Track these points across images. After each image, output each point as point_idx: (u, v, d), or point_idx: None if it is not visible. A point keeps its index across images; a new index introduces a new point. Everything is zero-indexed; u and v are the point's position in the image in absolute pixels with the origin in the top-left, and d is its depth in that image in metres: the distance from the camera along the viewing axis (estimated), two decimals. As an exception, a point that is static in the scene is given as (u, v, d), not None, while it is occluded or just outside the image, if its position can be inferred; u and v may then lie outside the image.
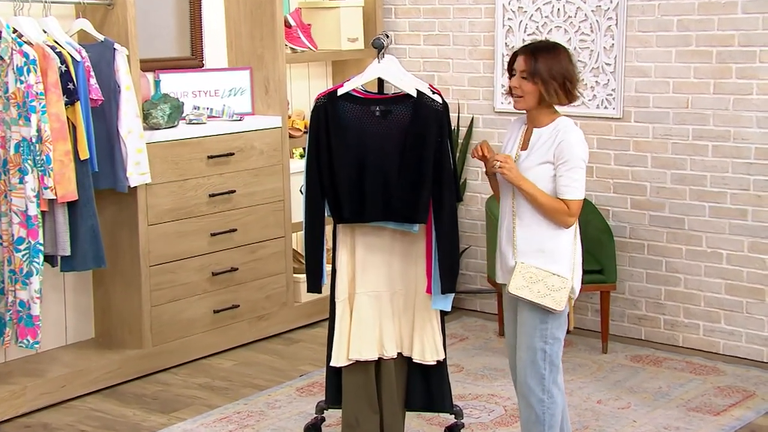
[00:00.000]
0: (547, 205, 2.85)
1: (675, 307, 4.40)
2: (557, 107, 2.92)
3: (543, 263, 2.87)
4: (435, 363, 3.20)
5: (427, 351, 3.17)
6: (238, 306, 4.37)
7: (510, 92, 2.94)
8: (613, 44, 4.39)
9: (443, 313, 3.23)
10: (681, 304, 4.38)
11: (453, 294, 3.14)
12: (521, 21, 4.66)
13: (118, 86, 3.80)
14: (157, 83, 4.20)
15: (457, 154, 4.83)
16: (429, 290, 3.15)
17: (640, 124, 4.40)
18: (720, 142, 4.21)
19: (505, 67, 4.67)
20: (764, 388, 3.91)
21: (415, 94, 3.06)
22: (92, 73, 3.68)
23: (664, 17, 4.27)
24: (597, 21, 4.45)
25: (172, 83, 4.35)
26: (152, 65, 4.30)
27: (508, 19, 4.70)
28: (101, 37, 3.83)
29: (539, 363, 2.89)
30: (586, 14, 4.48)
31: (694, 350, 4.34)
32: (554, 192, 2.87)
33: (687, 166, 4.30)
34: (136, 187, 3.92)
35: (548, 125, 2.91)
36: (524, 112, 2.95)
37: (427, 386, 3.25)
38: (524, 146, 2.94)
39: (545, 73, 2.84)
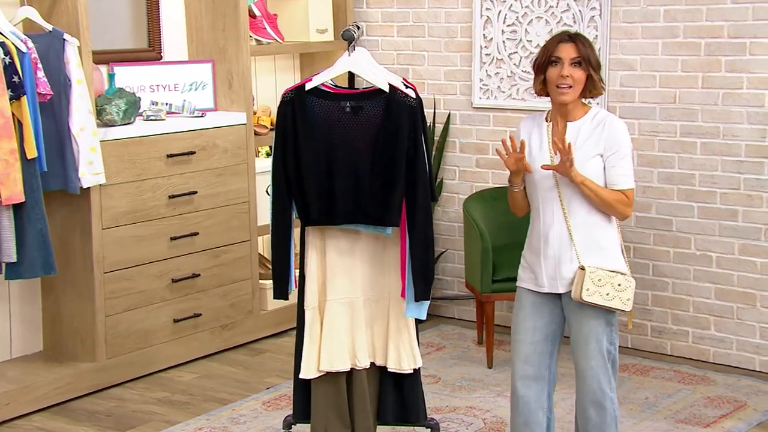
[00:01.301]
0: (610, 198, 2.92)
1: (662, 313, 4.41)
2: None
3: (604, 262, 2.95)
4: (411, 372, 3.20)
5: (404, 359, 3.17)
6: (200, 315, 4.35)
7: (541, 88, 2.94)
8: (596, 36, 4.41)
9: (418, 321, 3.22)
10: (669, 310, 4.40)
11: (428, 301, 3.14)
12: (500, 11, 4.66)
13: (69, 80, 3.76)
14: (111, 77, 4.16)
15: (433, 153, 4.82)
16: (404, 295, 3.15)
17: (626, 120, 4.38)
18: (709, 138, 4.23)
19: (481, 60, 4.69)
20: (756, 399, 3.93)
21: (387, 89, 3.06)
22: (40, 66, 3.63)
23: (650, 7, 4.29)
24: (580, 11, 4.46)
25: (128, 77, 4.32)
26: (106, 57, 4.26)
27: (486, 9, 4.70)
28: (49, 27, 3.79)
29: (608, 366, 2.99)
30: (568, 4, 4.49)
31: (682, 358, 4.36)
32: (605, 185, 2.93)
33: (675, 164, 4.32)
34: (89, 188, 3.89)
35: (583, 117, 2.95)
36: (535, 111, 3.00)
37: (400, 397, 3.25)
38: (558, 142, 2.93)
39: (596, 61, 2.91)
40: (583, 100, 2.98)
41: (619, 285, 2.93)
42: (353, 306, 3.19)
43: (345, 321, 3.17)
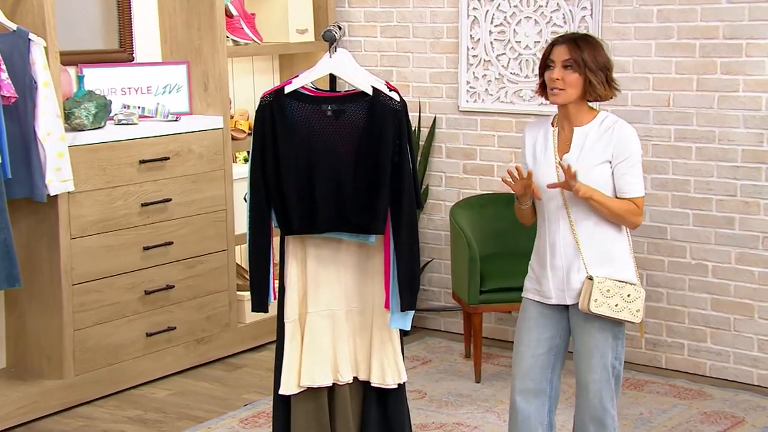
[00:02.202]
0: (619, 209, 2.94)
1: (657, 324, 4.41)
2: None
3: (613, 272, 2.95)
4: (395, 387, 3.19)
5: (388, 373, 3.16)
6: (175, 328, 4.33)
7: (541, 90, 2.99)
8: (587, 37, 4.41)
9: (402, 333, 3.22)
10: (663, 322, 4.40)
11: (413, 311, 3.14)
12: (488, 11, 4.66)
13: (35, 82, 3.74)
14: (80, 79, 4.14)
15: (418, 158, 4.81)
16: (387, 306, 3.14)
17: (618, 125, 4.41)
18: (704, 143, 4.24)
19: (468, 61, 4.70)
20: (754, 414, 3.93)
21: (370, 92, 3.06)
22: (3, 67, 3.61)
23: (643, 7, 4.30)
24: (570, 11, 4.46)
25: (98, 79, 4.30)
26: (74, 58, 4.24)
27: (473, 9, 4.70)
28: (13, 26, 3.76)
29: (611, 382, 2.98)
30: (558, 3, 4.50)
31: (677, 372, 4.36)
32: (614, 193, 2.95)
33: (669, 170, 4.33)
34: (56, 195, 3.86)
35: (591, 122, 2.97)
36: (535, 113, 3.01)
37: (384, 414, 3.23)
38: (564, 149, 2.96)
39: (592, 62, 2.90)
40: (591, 104, 2.99)
41: (628, 296, 2.93)
42: (335, 318, 3.18)
43: (326, 334, 3.16)
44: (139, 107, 4.32)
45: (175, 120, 4.35)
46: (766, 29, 4.06)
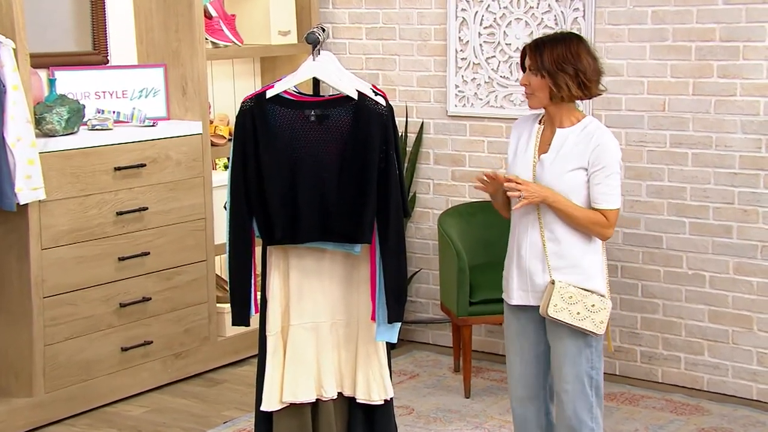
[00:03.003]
0: (585, 219, 2.96)
1: (652, 337, 4.41)
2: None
3: (579, 280, 2.97)
4: (382, 403, 3.18)
5: (374, 389, 3.16)
6: (151, 342, 4.31)
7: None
8: (580, 39, 4.41)
9: (389, 346, 3.23)
10: (659, 334, 4.39)
11: (400, 324, 3.14)
12: (477, 12, 4.66)
13: (3, 86, 3.72)
14: (51, 82, 4.12)
15: (405, 165, 4.80)
16: (374, 318, 3.15)
17: (612, 130, 4.34)
18: (701, 149, 4.24)
19: (457, 64, 4.69)
20: (754, 430, 3.94)
21: (355, 96, 3.07)
22: (-29, 70, 3.57)
23: (637, 8, 4.30)
24: (562, 12, 4.46)
25: (71, 82, 4.28)
26: (45, 61, 4.22)
27: (462, 10, 4.69)
28: (-19, 28, 3.73)
29: (588, 392, 2.99)
30: (549, 5, 4.50)
31: (674, 386, 4.35)
32: (587, 200, 2.97)
33: (664, 176, 4.33)
34: (26, 204, 3.84)
35: (573, 126, 3.02)
36: (529, 111, 3.07)
37: (371, 431, 3.23)
38: (543, 149, 3.02)
39: (552, 64, 2.95)
40: (579, 106, 3.05)
41: (592, 305, 2.96)
42: (319, 331, 3.17)
43: (310, 347, 3.16)
44: (113, 112, 4.30)
45: (152, 125, 4.33)
46: (764, 31, 4.07)
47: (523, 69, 3.05)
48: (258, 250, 3.19)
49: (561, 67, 2.95)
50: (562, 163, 2.96)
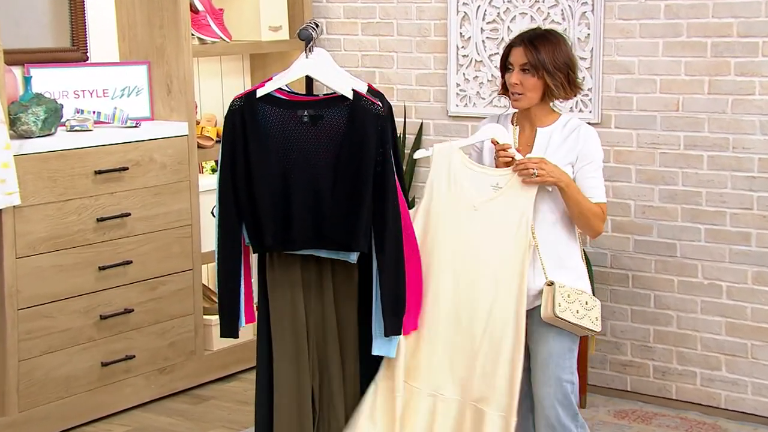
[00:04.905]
0: (590, 210, 3.05)
1: (666, 351, 4.41)
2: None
3: (569, 281, 3.05)
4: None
5: None
6: (134, 357, 4.31)
7: (504, 91, 3.13)
8: (588, 34, 4.42)
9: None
10: (673, 348, 4.40)
11: (399, 337, 3.12)
12: (479, 6, 4.67)
13: (-22, 84, 3.71)
14: (27, 80, 4.14)
15: (404, 167, 4.80)
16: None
17: (622, 131, 4.43)
18: (717, 151, 4.25)
19: (458, 62, 4.70)
20: (774, 448, 3.95)
21: (351, 96, 3.06)
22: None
23: (650, 2, 4.32)
24: (569, 6, 4.48)
25: (48, 81, 4.28)
26: (20, 58, 4.22)
27: (464, 4, 4.70)
28: (-45, 23, 3.73)
29: (570, 397, 3.04)
30: (556, -1, 4.51)
31: (689, 404, 4.36)
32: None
33: (678, 180, 4.33)
34: (0, 210, 3.83)
35: (555, 123, 3.11)
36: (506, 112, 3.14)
37: None
38: (524, 149, 3.08)
39: (550, 64, 3.00)
40: (554, 103, 3.13)
41: (586, 303, 3.04)
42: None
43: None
44: (94, 112, 4.30)
45: (135, 126, 4.34)
46: (784, 27, 4.08)
47: (504, 68, 3.08)
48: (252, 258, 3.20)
49: (557, 66, 3.01)
50: (552, 161, 3.03)
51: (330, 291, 3.16)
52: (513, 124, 3.15)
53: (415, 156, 3.14)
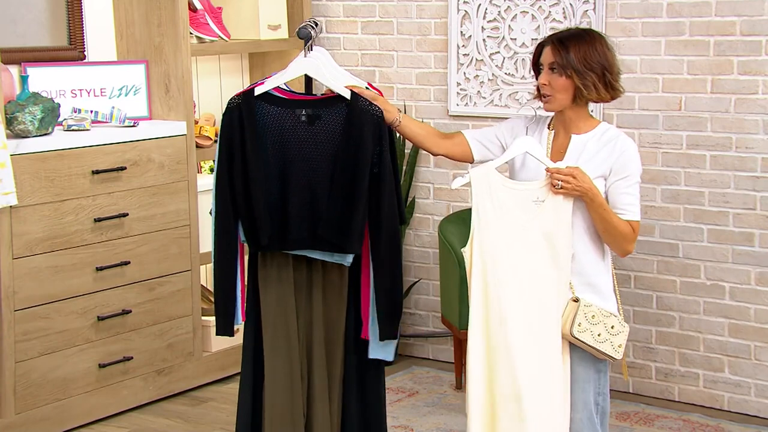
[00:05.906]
0: (619, 228, 2.91)
1: (668, 352, 4.42)
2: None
3: (596, 300, 2.93)
4: (373, 419, 3.18)
5: None
6: (131, 358, 4.31)
7: (538, 93, 3.00)
8: (590, 33, 4.43)
9: (385, 363, 3.21)
10: (676, 349, 4.40)
11: (395, 340, 3.13)
12: (480, 5, 4.68)
13: (-26, 83, 3.72)
14: (24, 79, 4.13)
15: (404, 168, 4.82)
16: (366, 334, 3.14)
17: (624, 130, 4.37)
18: (720, 151, 4.25)
19: (459, 61, 4.71)
20: (777, 451, 3.95)
21: (349, 96, 3.06)
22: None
23: (652, 0, 4.32)
24: (571, 5, 4.48)
25: (45, 79, 4.29)
26: (17, 56, 4.23)
27: (464, 2, 4.71)
28: (-49, 22, 3.74)
29: (594, 419, 2.94)
30: (558, -3, 4.52)
31: (692, 405, 4.36)
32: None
33: (680, 180, 4.34)
34: (-3, 210, 3.84)
35: (590, 132, 2.98)
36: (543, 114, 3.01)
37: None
38: (556, 156, 2.97)
39: (579, 63, 2.89)
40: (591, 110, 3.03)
41: (612, 327, 2.93)
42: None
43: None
44: (91, 111, 4.30)
45: (133, 125, 4.34)
46: (787, 25, 4.09)
47: (536, 67, 2.99)
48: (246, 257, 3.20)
49: (590, 66, 2.90)
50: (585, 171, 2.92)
51: (320, 292, 3.14)
52: (549, 128, 3.03)
53: (454, 186, 2.99)
